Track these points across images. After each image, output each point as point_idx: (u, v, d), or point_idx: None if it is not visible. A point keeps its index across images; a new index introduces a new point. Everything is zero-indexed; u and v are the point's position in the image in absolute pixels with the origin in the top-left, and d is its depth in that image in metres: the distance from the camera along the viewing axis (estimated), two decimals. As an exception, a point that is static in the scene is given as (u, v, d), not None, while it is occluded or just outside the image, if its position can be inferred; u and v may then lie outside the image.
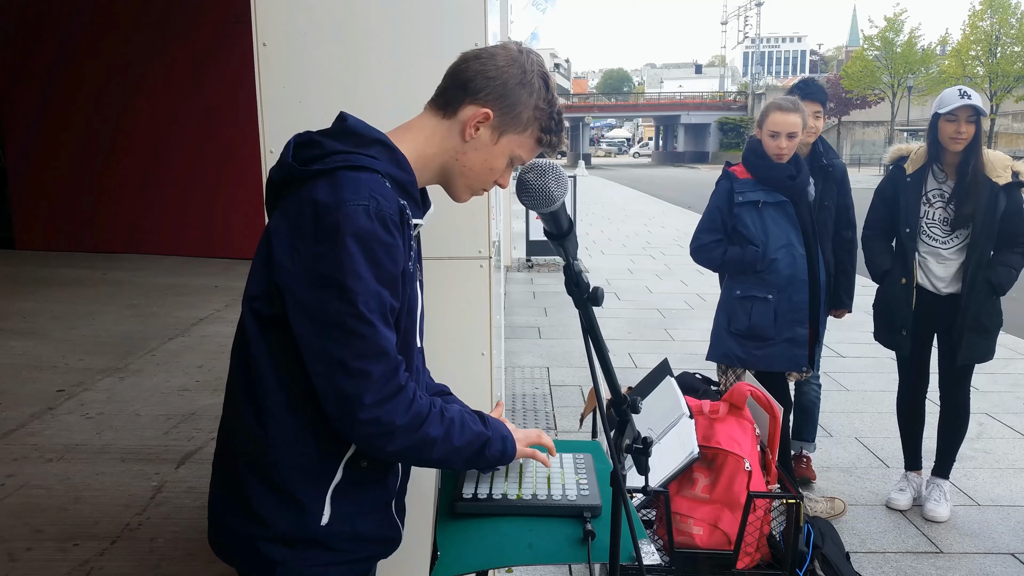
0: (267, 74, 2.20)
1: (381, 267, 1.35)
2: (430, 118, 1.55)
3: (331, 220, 1.33)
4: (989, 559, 3.54)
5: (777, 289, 3.54)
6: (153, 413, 5.06)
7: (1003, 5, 37.91)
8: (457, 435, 1.47)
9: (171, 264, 10.37)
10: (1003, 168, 3.62)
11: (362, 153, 1.42)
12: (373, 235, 1.33)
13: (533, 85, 1.51)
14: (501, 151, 1.54)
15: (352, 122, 1.48)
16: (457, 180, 1.57)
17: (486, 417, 1.58)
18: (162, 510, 3.76)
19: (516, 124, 1.51)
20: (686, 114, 70.87)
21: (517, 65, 1.50)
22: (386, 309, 1.37)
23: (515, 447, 1.60)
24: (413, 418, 1.40)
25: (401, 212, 1.39)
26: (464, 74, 1.51)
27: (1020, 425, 5.15)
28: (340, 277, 1.32)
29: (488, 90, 1.49)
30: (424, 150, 1.53)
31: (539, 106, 1.52)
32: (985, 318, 3.64)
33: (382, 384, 1.36)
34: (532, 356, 6.87)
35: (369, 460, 1.49)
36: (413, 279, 1.48)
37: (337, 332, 1.33)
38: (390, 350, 1.37)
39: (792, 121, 3.48)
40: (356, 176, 1.37)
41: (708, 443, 2.61)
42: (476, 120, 1.50)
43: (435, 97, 1.56)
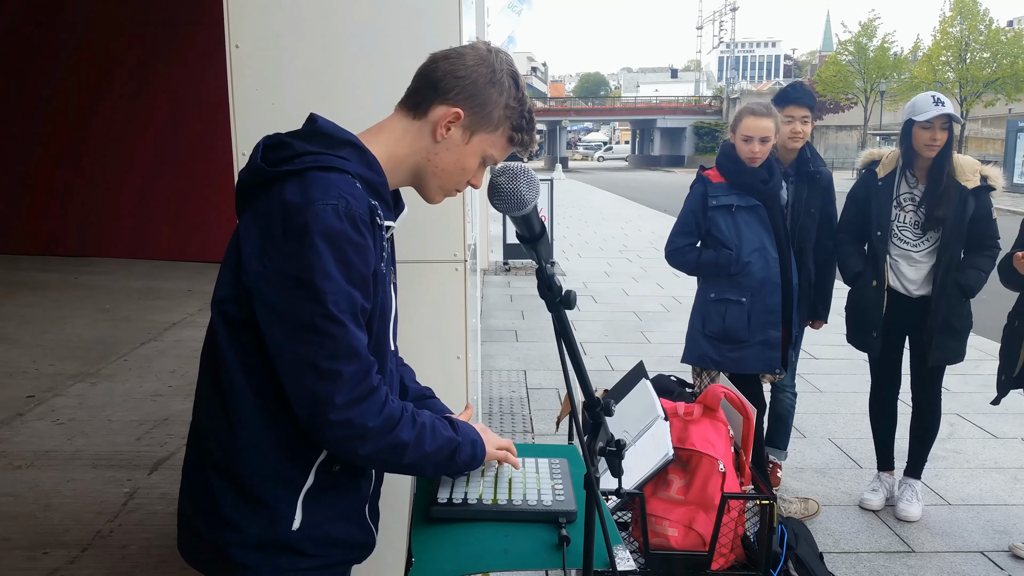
0: (240, 76, 2.18)
1: (351, 267, 1.34)
2: (401, 119, 1.54)
3: (300, 220, 1.32)
4: (960, 557, 3.59)
5: (751, 292, 3.56)
6: (125, 419, 5.00)
7: (972, 12, 38.47)
8: (428, 440, 1.46)
9: (143, 268, 10.25)
10: (972, 172, 3.67)
11: (332, 154, 1.41)
12: (343, 235, 1.32)
13: (503, 84, 1.51)
14: (473, 151, 1.53)
15: (322, 123, 1.47)
16: (430, 181, 1.56)
17: (456, 422, 1.58)
18: (134, 517, 3.71)
19: (487, 123, 1.51)
20: (662, 118, 71.21)
21: (486, 64, 1.50)
22: (356, 309, 1.36)
23: (484, 451, 1.60)
24: (385, 421, 1.39)
25: (372, 212, 1.38)
26: (434, 74, 1.51)
27: (990, 425, 5.23)
28: (309, 277, 1.31)
29: (458, 90, 1.49)
30: (395, 151, 1.52)
31: (510, 105, 1.52)
32: (955, 320, 3.69)
33: (354, 385, 1.35)
34: (509, 359, 6.87)
35: (341, 464, 1.48)
36: (385, 281, 1.48)
37: (307, 333, 1.32)
38: (361, 350, 1.36)
39: (765, 125, 3.50)
40: (326, 176, 1.36)
41: (683, 445, 2.62)
42: (447, 120, 1.49)
43: (405, 98, 1.55)
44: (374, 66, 2.20)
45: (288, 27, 2.18)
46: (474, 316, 3.08)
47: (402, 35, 2.21)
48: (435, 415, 1.54)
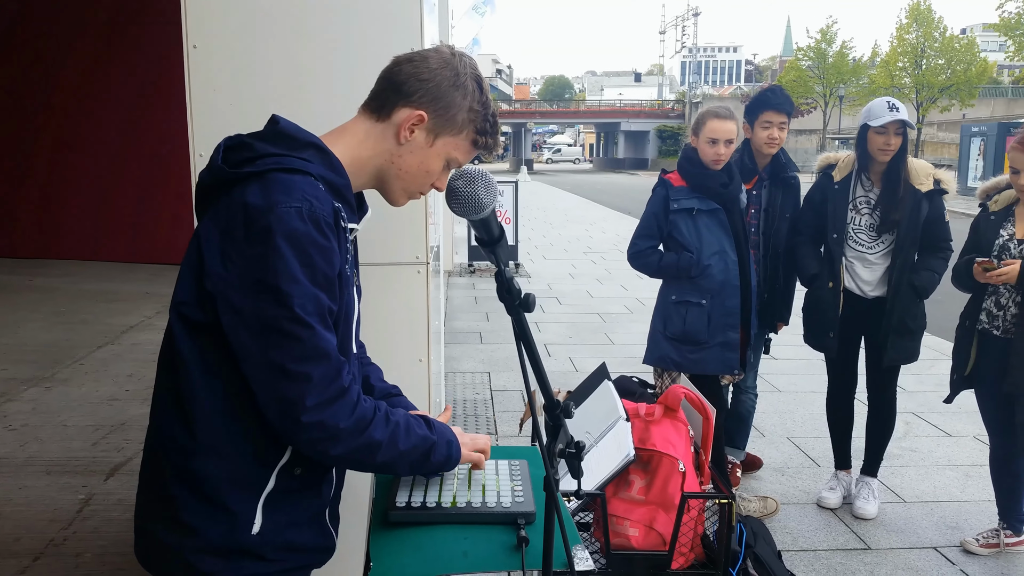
0: (197, 76, 2.16)
1: (316, 269, 1.33)
2: (364, 121, 1.54)
3: (263, 223, 1.31)
4: (914, 553, 3.66)
5: (711, 294, 3.60)
6: (81, 424, 4.90)
7: (927, 19, 39.32)
8: (402, 439, 1.46)
9: (99, 270, 10.06)
10: (926, 176, 3.75)
11: (294, 156, 1.40)
12: (307, 237, 1.32)
13: (467, 87, 1.51)
14: (437, 153, 1.53)
15: (284, 124, 1.46)
16: (393, 183, 1.56)
17: (431, 421, 1.57)
18: (89, 524, 3.64)
19: (451, 126, 1.52)
20: (626, 121, 71.68)
21: (450, 67, 1.50)
22: (324, 311, 1.36)
23: (460, 452, 1.60)
24: (358, 421, 1.39)
25: (335, 214, 1.38)
26: (397, 77, 1.51)
27: (944, 424, 5.34)
28: (274, 281, 1.30)
29: (422, 92, 1.49)
30: (358, 153, 1.52)
31: (473, 108, 1.52)
32: (909, 320, 3.77)
33: (324, 386, 1.35)
34: (473, 361, 6.86)
35: (303, 468, 1.47)
36: (350, 283, 1.47)
37: (275, 336, 1.32)
38: (331, 352, 1.36)
39: (729, 128, 3.55)
40: (288, 178, 1.35)
41: (644, 445, 2.64)
42: (411, 122, 1.49)
43: (369, 100, 1.55)
44: (334, 67, 2.20)
45: (246, 27, 2.16)
46: (437, 319, 3.08)
47: (362, 36, 2.20)
48: (409, 415, 1.54)
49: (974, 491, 4.31)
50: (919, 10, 39.35)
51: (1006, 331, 3.37)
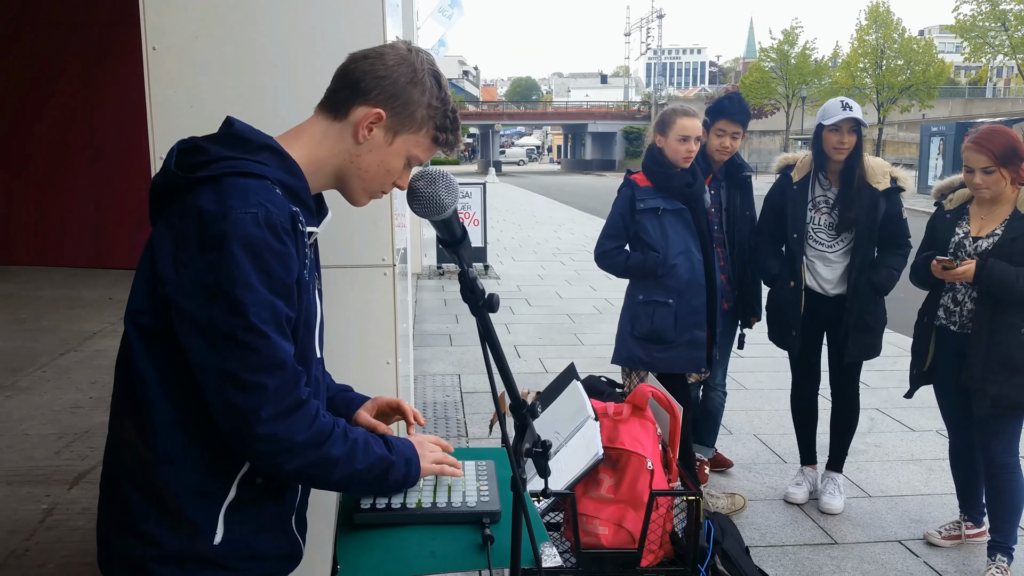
0: (157, 78, 2.13)
1: (273, 276, 1.31)
2: (321, 121, 1.51)
3: (217, 229, 1.28)
4: (879, 547, 3.73)
5: (677, 293, 3.64)
6: (43, 432, 4.81)
7: (886, 21, 40.00)
8: (360, 457, 1.43)
9: (61, 276, 9.87)
10: (883, 175, 3.81)
11: (250, 159, 1.37)
12: (263, 243, 1.29)
13: (425, 84, 1.49)
14: (396, 152, 1.51)
15: (239, 127, 1.43)
16: (353, 183, 1.54)
17: (390, 440, 1.54)
18: (52, 534, 3.58)
19: (410, 124, 1.50)
20: (593, 123, 71.99)
21: (407, 64, 1.48)
22: (281, 319, 1.33)
23: (420, 469, 1.57)
24: (315, 435, 1.36)
25: (293, 219, 1.36)
26: (353, 75, 1.49)
27: (907, 419, 5.44)
28: (229, 288, 1.28)
29: (379, 90, 1.47)
30: (316, 154, 1.49)
31: (432, 104, 1.50)
32: (869, 317, 3.84)
33: (280, 398, 1.32)
34: (443, 363, 6.85)
35: (264, 477, 1.45)
36: (309, 288, 1.45)
37: (229, 345, 1.29)
38: (287, 362, 1.33)
39: (698, 124, 3.63)
40: (244, 183, 1.33)
41: (612, 444, 2.66)
42: (368, 121, 1.47)
43: (325, 99, 1.52)
44: (296, 68, 2.18)
45: (206, 28, 2.14)
46: (404, 321, 3.07)
47: (324, 37, 2.19)
48: (368, 433, 1.51)
49: (937, 485, 4.39)
50: (878, 12, 40.01)
51: (962, 326, 3.43)
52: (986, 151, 3.24)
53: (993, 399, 3.29)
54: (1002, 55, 33.18)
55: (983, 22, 31.75)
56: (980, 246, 3.35)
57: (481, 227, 11.47)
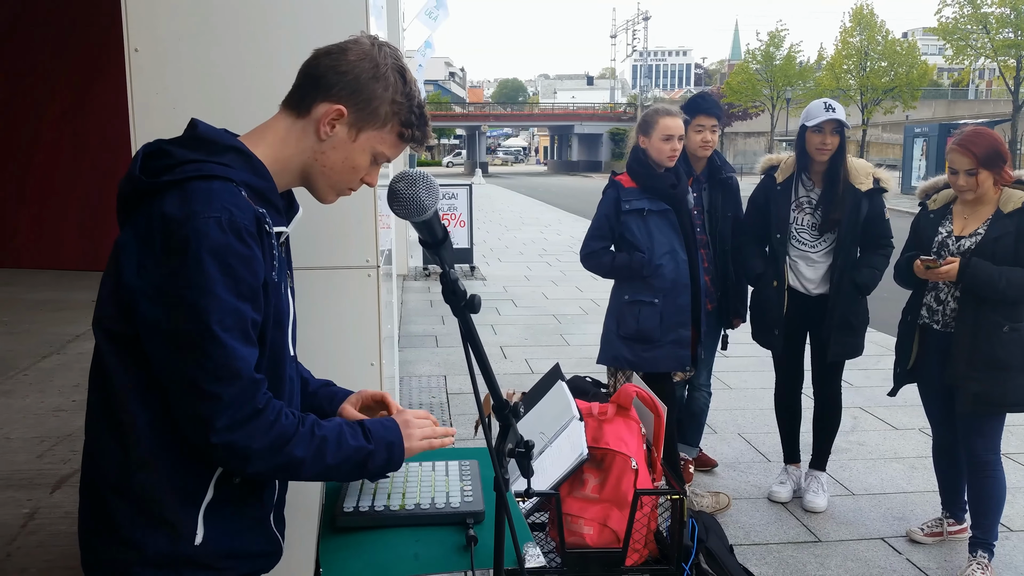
0: (139, 80, 2.12)
1: (239, 281, 1.31)
2: (284, 119, 1.50)
3: (181, 234, 1.28)
4: (862, 545, 3.75)
5: (662, 293, 3.65)
6: (26, 436, 4.78)
7: (870, 23, 40.22)
8: (331, 453, 1.42)
9: (47, 278, 9.80)
10: (865, 176, 3.85)
11: (215, 161, 1.37)
12: (227, 248, 1.29)
13: (388, 79, 1.47)
14: (361, 148, 1.50)
15: (203, 129, 1.42)
16: (319, 180, 1.53)
17: (368, 427, 1.52)
18: (34, 539, 3.55)
19: (374, 120, 1.48)
20: (579, 124, 72.09)
21: (369, 59, 1.47)
22: (246, 325, 1.33)
23: (403, 451, 1.54)
24: (275, 439, 1.36)
25: (258, 222, 1.35)
26: (315, 71, 1.48)
27: (890, 418, 5.48)
28: (191, 295, 1.28)
29: (340, 86, 1.46)
30: (281, 152, 1.48)
31: (396, 100, 1.48)
32: (852, 317, 3.86)
33: (236, 407, 1.32)
34: (429, 365, 6.84)
35: (241, 476, 1.45)
36: (279, 288, 1.45)
37: (189, 352, 1.29)
38: (244, 371, 1.32)
39: (681, 124, 3.64)
40: (208, 186, 1.32)
41: (597, 444, 2.67)
42: (330, 117, 1.46)
43: (288, 96, 1.52)
44: (279, 70, 2.17)
45: (189, 30, 2.13)
46: (389, 322, 3.07)
47: (308, 39, 2.17)
48: (346, 422, 1.50)
49: (919, 482, 4.43)
50: (863, 14, 40.24)
51: (945, 325, 3.47)
52: (969, 153, 3.28)
53: (975, 397, 3.33)
54: (984, 57, 33.49)
55: (965, 25, 32.01)
56: (963, 245, 3.38)
57: (467, 228, 11.47)
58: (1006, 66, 31.49)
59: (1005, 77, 32.11)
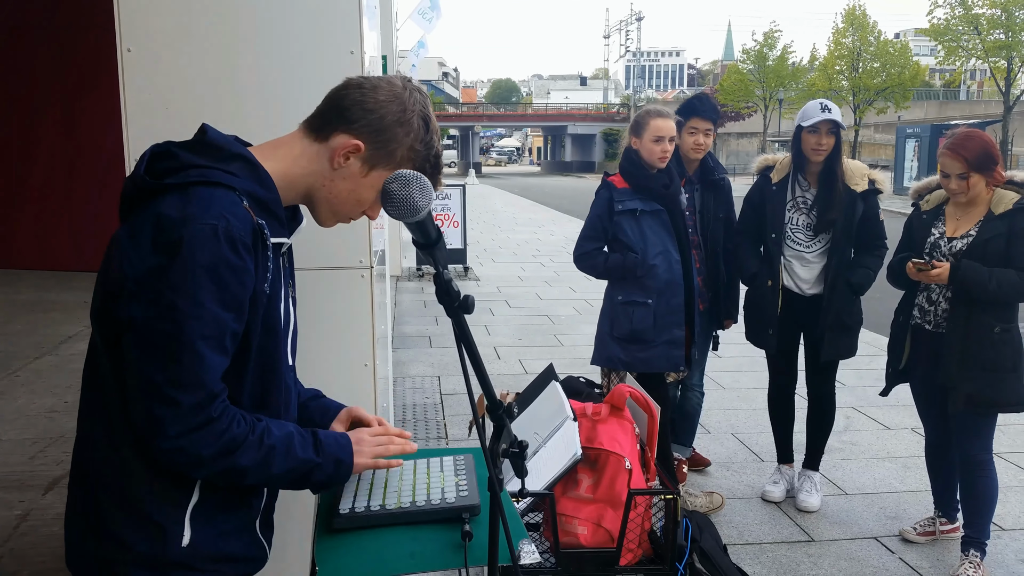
0: (132, 80, 2.12)
1: (225, 290, 1.31)
2: (302, 139, 1.51)
3: (174, 236, 1.28)
4: (855, 544, 3.77)
5: (656, 294, 3.66)
6: (18, 437, 4.76)
7: (863, 24, 40.35)
8: (277, 462, 1.42)
9: (37, 279, 9.76)
10: (860, 176, 3.86)
11: (220, 168, 1.37)
12: (219, 256, 1.29)
13: (412, 124, 1.49)
14: (371, 184, 1.51)
15: (212, 135, 1.43)
16: (322, 205, 1.53)
17: (321, 439, 1.50)
18: (27, 540, 3.54)
19: (389, 161, 1.49)
20: (572, 125, 72.19)
21: (398, 102, 1.48)
22: (225, 335, 1.33)
23: (351, 469, 1.54)
24: (223, 447, 1.35)
25: (256, 233, 1.35)
26: (343, 101, 1.48)
27: (883, 417, 5.50)
28: (173, 296, 1.28)
29: (364, 122, 1.46)
30: (290, 170, 1.49)
31: (415, 147, 1.50)
32: (846, 317, 3.88)
33: (191, 415, 1.31)
34: (423, 366, 6.84)
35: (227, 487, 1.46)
36: (278, 298, 1.45)
37: (158, 353, 1.29)
38: (207, 381, 1.32)
39: (671, 125, 3.65)
40: (209, 192, 1.32)
41: (591, 444, 2.67)
42: (346, 150, 1.47)
43: (311, 118, 1.52)
44: (271, 70, 2.18)
45: (182, 30, 2.13)
46: (382, 323, 3.07)
47: (301, 39, 2.19)
48: (300, 432, 1.48)
49: (912, 482, 4.45)
50: (855, 15, 40.35)
51: (937, 325, 3.48)
52: (960, 158, 3.29)
53: (968, 397, 3.34)
54: (975, 58, 33.61)
55: (956, 26, 32.14)
56: (955, 246, 3.40)
57: (461, 229, 11.45)
58: (997, 67, 31.62)
59: (996, 78, 32.25)
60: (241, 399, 1.44)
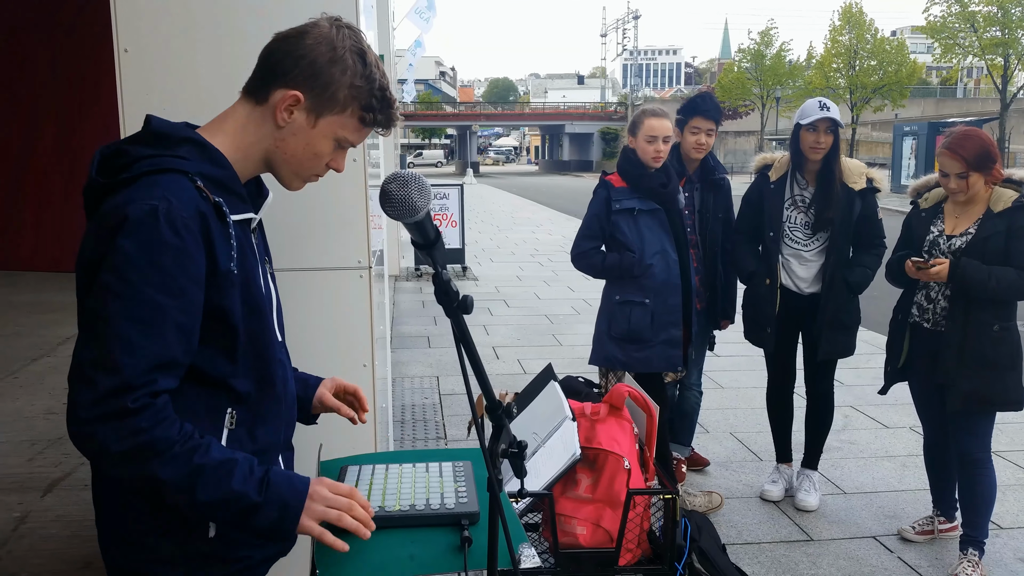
0: (129, 81, 2.12)
1: (164, 273, 1.27)
2: (244, 106, 1.48)
3: (114, 221, 1.28)
4: (854, 543, 3.77)
5: (653, 293, 3.66)
6: (16, 439, 4.75)
7: (859, 22, 40.39)
8: (204, 488, 1.29)
9: (33, 280, 9.75)
10: (858, 175, 3.86)
11: (168, 155, 1.35)
12: (156, 237, 1.27)
13: (346, 62, 1.43)
14: (322, 134, 1.47)
15: (157, 123, 1.41)
16: (282, 168, 1.51)
17: (271, 478, 1.36)
18: (26, 542, 3.53)
19: (333, 104, 1.45)
20: (570, 124, 72.13)
21: (327, 43, 1.43)
22: (162, 321, 1.27)
23: (296, 522, 1.37)
24: (137, 448, 1.26)
25: (204, 216, 1.32)
26: (272, 57, 1.45)
27: (881, 416, 5.50)
28: (105, 276, 1.27)
29: (296, 71, 1.42)
30: (241, 140, 1.46)
31: (355, 84, 1.44)
32: (843, 315, 3.88)
33: (104, 401, 1.24)
34: (422, 366, 6.84)
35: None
36: (254, 278, 1.44)
37: (86, 330, 1.29)
38: (128, 366, 1.25)
39: (666, 125, 3.64)
40: (155, 179, 1.31)
41: (590, 444, 2.67)
42: (286, 104, 1.43)
43: (248, 83, 1.48)
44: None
45: (178, 30, 2.12)
46: (381, 323, 3.07)
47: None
48: (251, 464, 1.35)
49: (910, 480, 4.45)
50: (852, 13, 40.40)
51: (935, 324, 3.48)
52: (959, 157, 3.29)
53: (966, 395, 3.34)
54: (972, 56, 33.65)
55: (953, 23, 32.18)
56: (954, 244, 3.40)
57: (459, 228, 11.44)
58: (994, 64, 31.64)
59: (993, 75, 32.27)
60: (237, 382, 1.43)
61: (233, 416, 1.44)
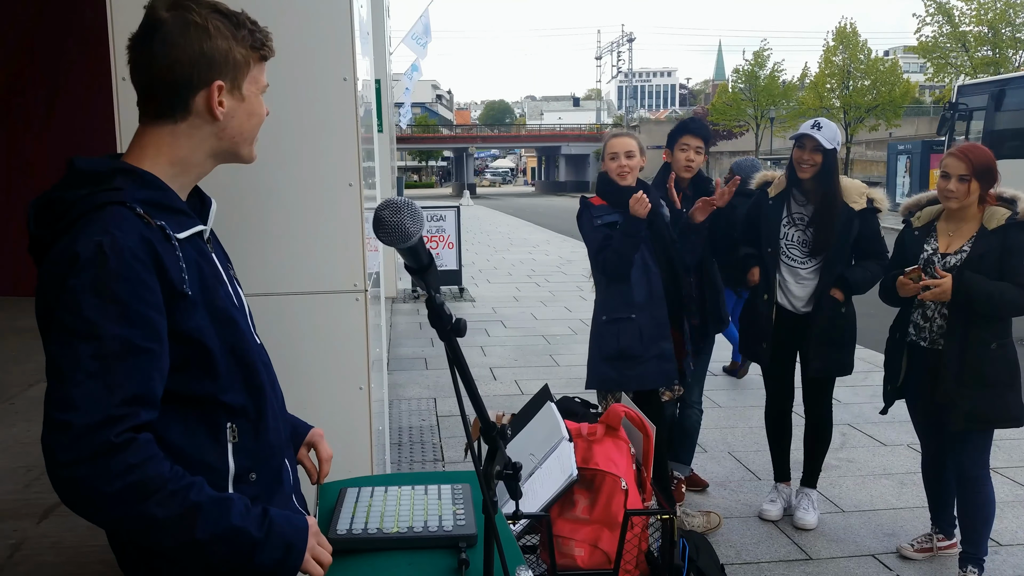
0: (127, 110, 2.14)
1: (121, 304, 1.25)
2: (160, 128, 1.44)
3: (63, 263, 1.27)
4: (853, 562, 3.75)
5: (639, 308, 3.67)
6: (12, 465, 4.72)
7: (853, 42, 40.73)
8: (203, 526, 1.26)
9: (28, 305, 9.72)
10: (859, 195, 3.88)
11: (100, 190, 1.34)
12: (107, 271, 1.25)
13: (216, 27, 1.42)
14: (251, 96, 1.49)
15: (80, 163, 1.39)
16: (235, 149, 1.51)
17: (272, 516, 1.36)
18: (21, 569, 3.51)
19: (240, 67, 1.45)
20: (566, 145, 72.58)
21: (192, 28, 1.40)
22: (129, 350, 1.25)
23: (301, 559, 1.37)
24: (130, 487, 1.21)
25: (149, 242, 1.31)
26: (162, 77, 1.40)
27: (879, 434, 5.50)
28: (63, 317, 1.25)
29: (195, 70, 1.41)
30: (173, 156, 1.44)
31: (236, 37, 1.44)
32: (833, 332, 3.88)
33: (85, 439, 1.18)
34: (419, 387, 6.83)
35: (256, 471, 1.46)
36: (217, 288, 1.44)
37: (53, 376, 1.25)
38: (101, 401, 1.21)
39: (625, 142, 3.76)
40: (94, 216, 1.30)
41: (587, 465, 2.68)
42: (216, 98, 1.43)
43: (150, 111, 1.44)
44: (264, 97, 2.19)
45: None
46: (377, 346, 3.08)
47: (294, 66, 2.21)
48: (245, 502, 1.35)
49: (909, 498, 4.44)
50: (845, 33, 40.73)
51: (932, 342, 3.49)
52: (966, 159, 3.33)
53: (967, 414, 3.35)
54: (964, 75, 33.91)
55: (944, 43, 32.47)
56: (949, 262, 3.42)
57: (456, 250, 11.47)
58: (986, 83, 31.88)
59: (985, 94, 32.47)
60: (227, 396, 1.42)
61: (234, 429, 1.44)
